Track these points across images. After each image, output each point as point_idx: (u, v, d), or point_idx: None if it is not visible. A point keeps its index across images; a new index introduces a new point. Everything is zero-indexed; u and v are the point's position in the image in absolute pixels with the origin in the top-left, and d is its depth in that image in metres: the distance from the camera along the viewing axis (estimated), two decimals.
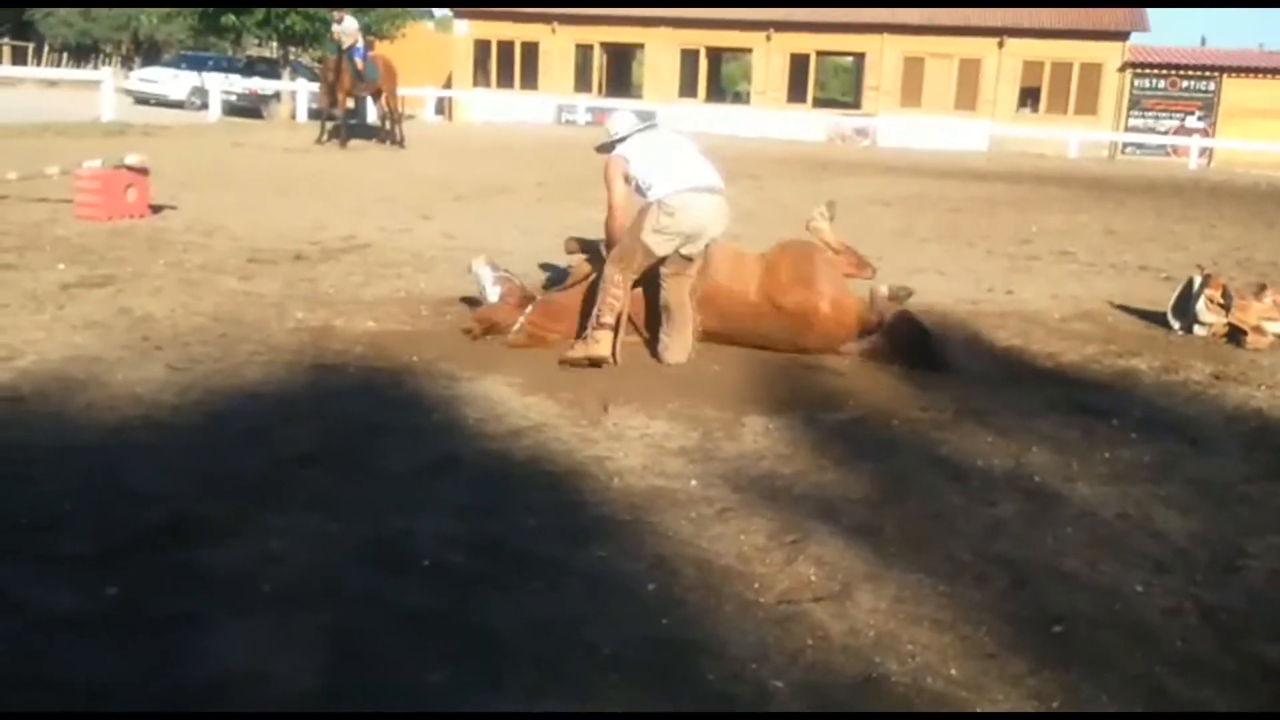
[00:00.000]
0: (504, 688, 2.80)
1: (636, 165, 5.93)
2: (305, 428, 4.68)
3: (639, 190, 5.96)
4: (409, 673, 2.85)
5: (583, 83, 37.07)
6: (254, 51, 41.81)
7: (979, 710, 2.80)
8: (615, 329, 5.82)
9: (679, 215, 5.73)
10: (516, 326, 6.20)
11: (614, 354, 5.80)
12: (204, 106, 27.91)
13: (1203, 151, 31.10)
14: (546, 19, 35.88)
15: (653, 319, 6.16)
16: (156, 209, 10.40)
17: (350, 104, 21.91)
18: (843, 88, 47.77)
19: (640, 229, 5.81)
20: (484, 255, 6.72)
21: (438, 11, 39.49)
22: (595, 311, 5.83)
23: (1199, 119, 32.83)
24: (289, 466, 4.22)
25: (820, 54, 36.55)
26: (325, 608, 3.16)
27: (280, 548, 3.51)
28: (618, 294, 5.81)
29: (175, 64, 35.70)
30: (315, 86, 24.13)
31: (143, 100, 31.58)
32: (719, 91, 41.54)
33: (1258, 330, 7.16)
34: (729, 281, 6.28)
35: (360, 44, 21.15)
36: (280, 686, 2.76)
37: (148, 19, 36.38)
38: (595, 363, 5.76)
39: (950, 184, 19.56)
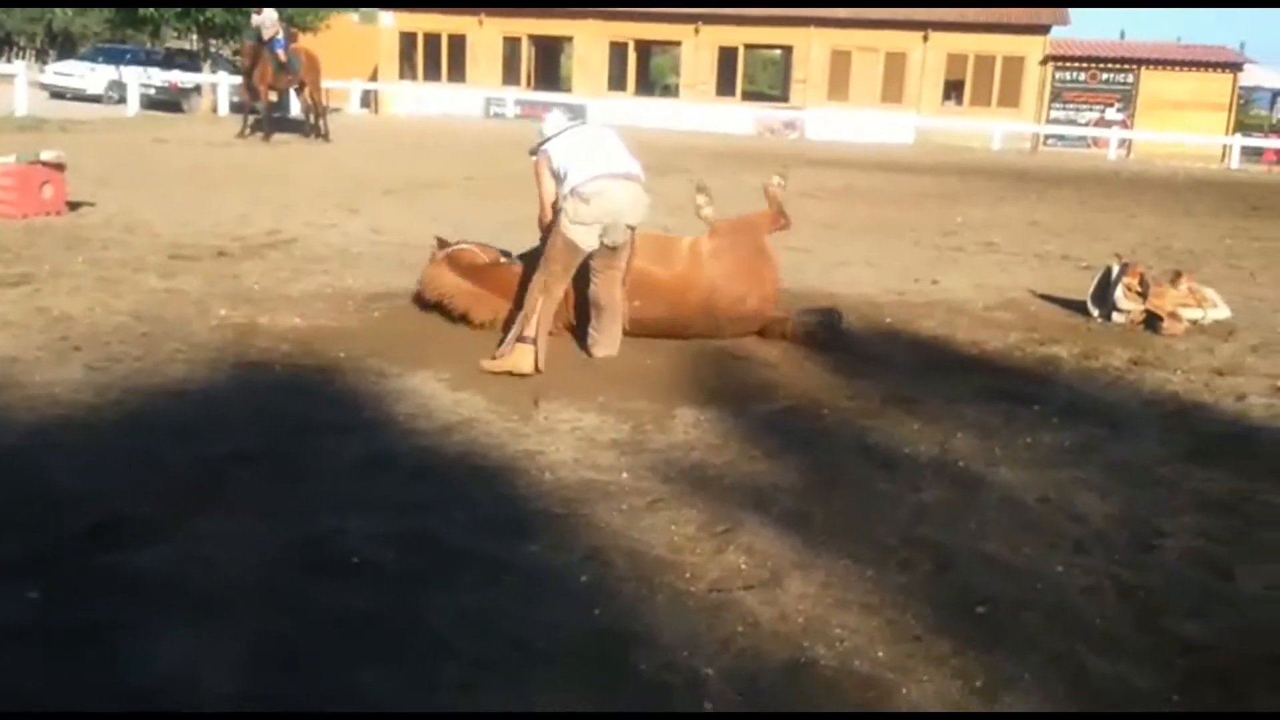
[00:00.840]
0: (438, 685, 2.80)
1: (558, 160, 5.96)
2: (231, 427, 4.63)
3: (560, 184, 5.97)
4: (340, 673, 2.83)
5: (511, 76, 36.87)
6: (173, 44, 41.06)
7: (905, 691, 2.85)
8: (536, 340, 5.67)
9: (593, 202, 5.72)
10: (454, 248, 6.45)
11: (537, 366, 5.64)
12: (122, 100, 27.36)
13: (1122, 143, 31.72)
14: (473, 11, 35.63)
15: (581, 312, 6.17)
16: (74, 206, 10.19)
17: (274, 97, 21.62)
18: (771, 81, 47.95)
19: (559, 224, 5.82)
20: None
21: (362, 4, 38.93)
22: (519, 321, 5.75)
23: (1118, 111, 33.46)
24: (216, 466, 4.17)
25: (748, 47, 36.64)
26: (255, 610, 3.13)
27: (208, 549, 3.47)
28: (538, 303, 5.72)
29: (92, 57, 34.85)
30: (237, 79, 23.75)
31: (58, 94, 30.82)
32: (648, 85, 41.52)
33: (1174, 317, 7.34)
34: (653, 269, 6.34)
35: (281, 36, 20.86)
36: (210, 691, 2.73)
37: (63, 11, 35.53)
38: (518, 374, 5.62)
39: (877, 176, 19.77)
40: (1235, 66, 33.87)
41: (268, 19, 20.85)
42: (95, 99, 30.38)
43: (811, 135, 32.49)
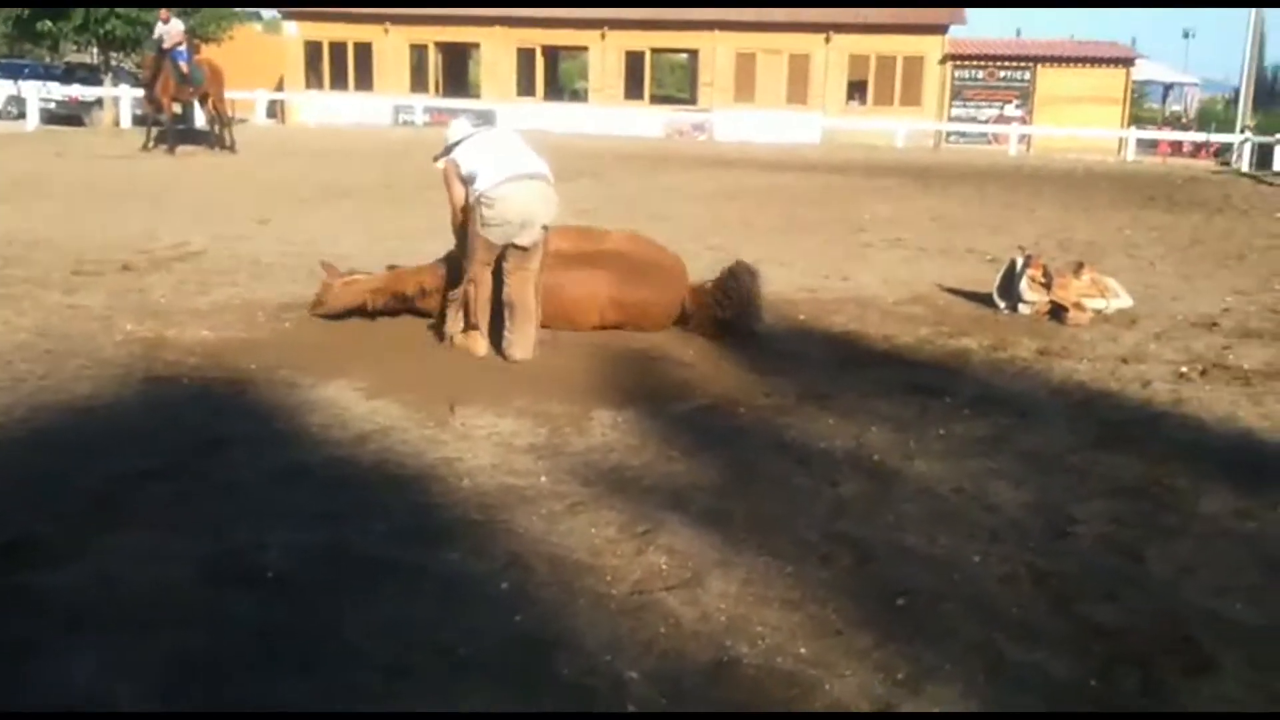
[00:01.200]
0: (357, 696, 2.76)
1: (466, 165, 6.02)
2: (140, 442, 4.52)
3: (470, 187, 6.02)
4: (259, 686, 2.78)
5: (419, 83, 36.59)
6: (73, 58, 40.05)
7: (828, 686, 2.87)
8: (479, 325, 6.07)
9: (499, 205, 5.80)
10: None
11: (489, 348, 6.07)
12: (21, 116, 26.63)
13: (1021, 138, 32.40)
14: (379, 19, 35.29)
15: (495, 315, 6.16)
16: None
17: (177, 109, 21.21)
18: (678, 84, 48.15)
19: (472, 227, 5.93)
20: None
21: (265, 12, 38.44)
22: (455, 313, 6.11)
23: (1016, 107, 34.18)
24: (125, 483, 4.08)
25: (655, 51, 36.81)
26: (168, 627, 3.06)
27: (118, 567, 3.39)
28: (471, 294, 6.02)
29: None
30: (139, 92, 23.23)
31: None
32: (557, 90, 41.47)
33: (1078, 307, 7.51)
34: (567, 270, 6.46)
35: (184, 47, 20.49)
36: (123, 710, 2.67)
37: None
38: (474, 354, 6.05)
39: (786, 176, 19.95)
40: (1128, 62, 34.81)
41: (172, 29, 20.46)
42: None
43: (720, 137, 32.68)
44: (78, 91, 29.75)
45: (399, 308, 6.62)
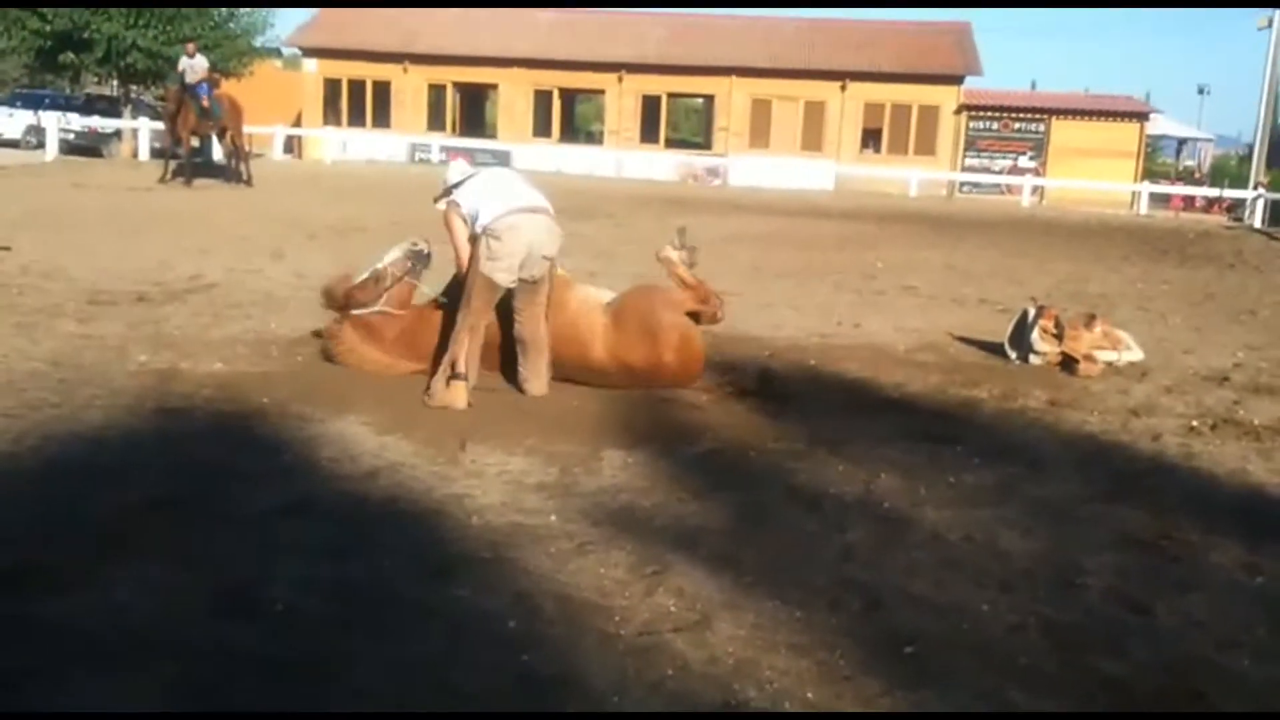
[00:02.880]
0: None
1: (466, 204, 6.09)
2: (151, 473, 4.53)
3: (472, 226, 6.08)
4: None
5: (436, 122, 36.91)
6: (93, 89, 40.49)
7: None
8: (466, 375, 5.85)
9: (505, 238, 5.85)
10: (369, 309, 6.32)
11: (470, 402, 5.82)
12: (40, 146, 26.89)
13: (1035, 190, 32.52)
14: (398, 58, 35.65)
15: (509, 352, 6.21)
16: None
17: (195, 142, 21.41)
18: (694, 128, 48.49)
19: (477, 264, 5.92)
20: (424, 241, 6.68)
21: (286, 50, 38.74)
22: (447, 359, 5.89)
23: (1030, 159, 34.37)
24: (134, 513, 4.08)
25: (671, 95, 37.12)
26: (173, 659, 3.05)
27: (125, 598, 3.39)
28: (464, 340, 5.87)
29: (9, 102, 34.30)
30: (158, 125, 23.46)
31: None
32: (573, 131, 41.81)
33: (1089, 358, 7.50)
34: (574, 334, 6.28)
35: (206, 81, 20.73)
36: None
37: None
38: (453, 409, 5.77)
39: (799, 222, 20.02)
40: (1142, 116, 35.04)
41: (197, 64, 20.71)
42: (13, 144, 29.86)
43: (734, 181, 32.85)
44: (97, 123, 30.05)
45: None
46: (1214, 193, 33.88)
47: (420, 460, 4.89)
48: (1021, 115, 34.70)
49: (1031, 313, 7.73)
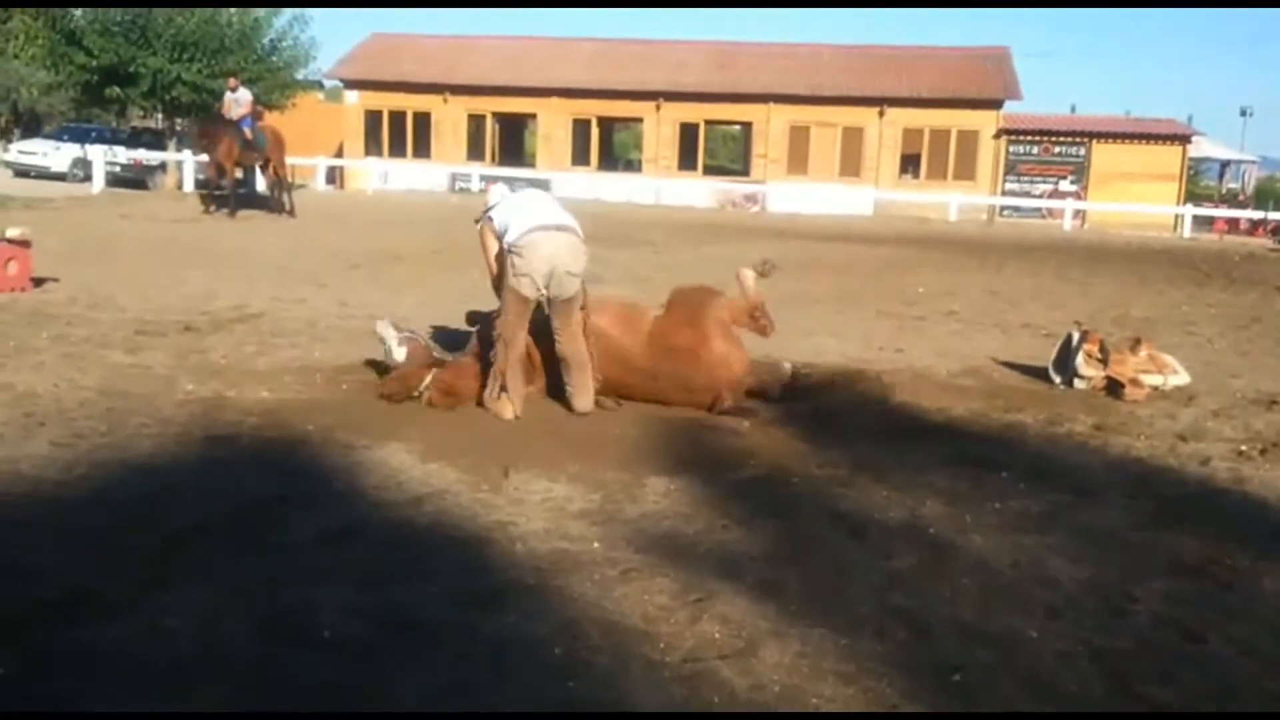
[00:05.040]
0: None
1: (499, 223, 6.39)
2: (198, 500, 4.58)
3: (502, 243, 6.37)
4: None
5: (476, 152, 37.15)
6: (139, 123, 41.12)
7: None
8: (508, 388, 6.18)
9: (527, 254, 6.12)
10: (426, 383, 6.36)
11: (515, 413, 6.16)
12: (87, 178, 27.33)
13: (1076, 214, 32.24)
14: (438, 89, 35.99)
15: (553, 372, 6.46)
16: (39, 282, 10.13)
17: (239, 173, 21.69)
18: (731, 155, 48.57)
19: (505, 280, 6.24)
20: (387, 317, 6.80)
21: (328, 82, 39.17)
22: (492, 375, 6.22)
23: (1071, 183, 34.10)
24: (182, 540, 4.13)
25: (709, 123, 37.21)
26: (220, 685, 3.08)
27: (173, 624, 3.43)
28: (502, 354, 6.18)
29: (57, 135, 34.89)
30: (203, 157, 23.80)
31: (23, 173, 30.75)
32: (611, 160, 41.92)
33: (1135, 383, 7.43)
34: (628, 315, 6.75)
35: (250, 115, 21.02)
36: None
37: (27, 90, 35.60)
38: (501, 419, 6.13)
39: (839, 248, 19.99)
40: (1184, 139, 34.68)
41: (241, 98, 21.02)
42: (60, 177, 30.32)
43: (773, 208, 32.85)
44: (142, 155, 30.49)
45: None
46: (1259, 215, 33.45)
47: (464, 487, 4.92)
48: (1062, 139, 34.49)
49: (1076, 337, 7.67)
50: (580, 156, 36.61)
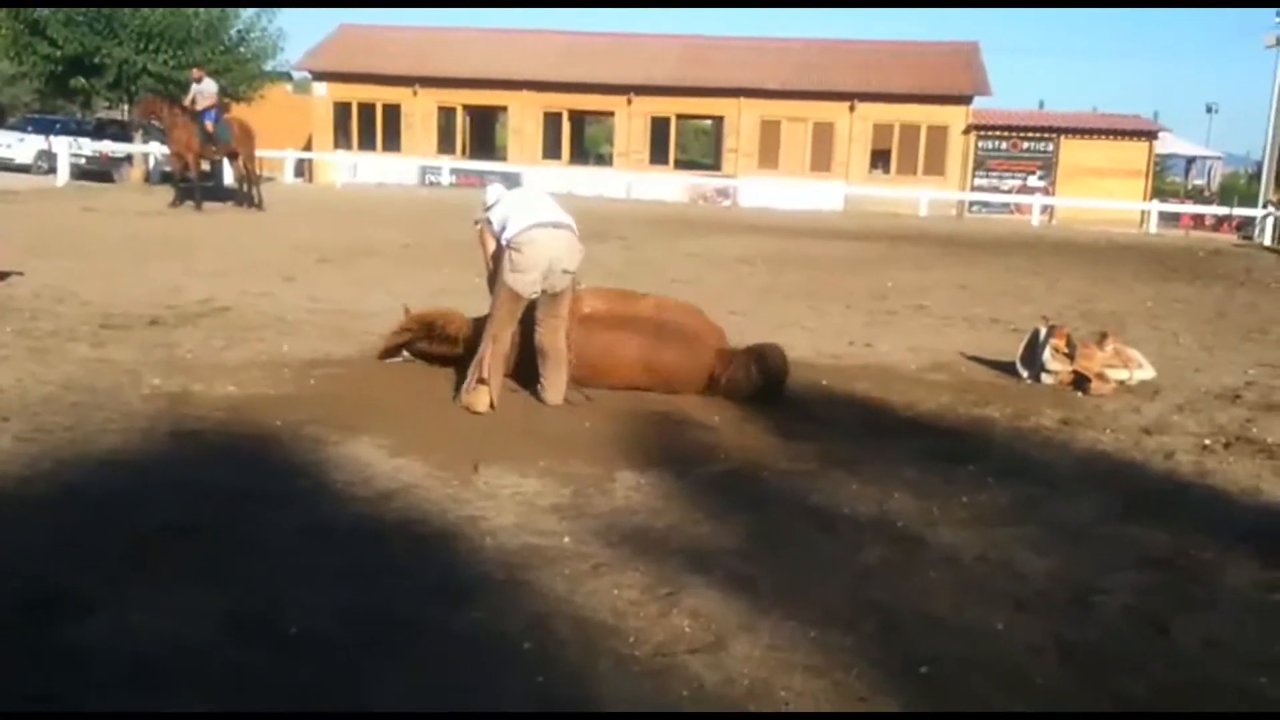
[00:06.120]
0: None
1: (497, 221, 6.38)
2: (165, 497, 4.54)
3: (499, 240, 6.38)
4: None
5: (446, 144, 37.02)
6: (104, 114, 40.71)
7: None
8: (489, 381, 6.18)
9: (526, 250, 6.14)
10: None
11: (492, 403, 6.17)
12: (52, 171, 27.06)
13: (1044, 209, 32.42)
14: (408, 81, 35.81)
15: (529, 363, 6.49)
16: (2, 276, 10.01)
17: (205, 166, 21.50)
18: (703, 150, 48.57)
19: (501, 276, 6.25)
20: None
21: (296, 74, 38.89)
22: (473, 365, 6.25)
23: (1040, 178, 34.33)
24: (150, 538, 4.09)
25: (680, 117, 37.19)
26: (191, 683, 3.06)
27: (143, 622, 3.39)
28: (488, 348, 6.20)
29: (21, 127, 34.52)
30: (168, 149, 23.59)
31: None
32: (582, 153, 41.89)
33: (1101, 377, 7.49)
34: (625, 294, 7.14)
35: (214, 107, 20.83)
36: None
37: None
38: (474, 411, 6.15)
39: (810, 242, 20.03)
40: (1151, 135, 34.99)
41: (206, 89, 20.82)
42: (24, 169, 30.02)
43: (744, 202, 32.89)
44: (108, 147, 30.20)
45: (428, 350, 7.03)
46: (1224, 211, 33.76)
47: (434, 482, 4.90)
48: (1030, 135, 34.70)
49: (1043, 332, 7.72)
50: (551, 150, 36.55)
